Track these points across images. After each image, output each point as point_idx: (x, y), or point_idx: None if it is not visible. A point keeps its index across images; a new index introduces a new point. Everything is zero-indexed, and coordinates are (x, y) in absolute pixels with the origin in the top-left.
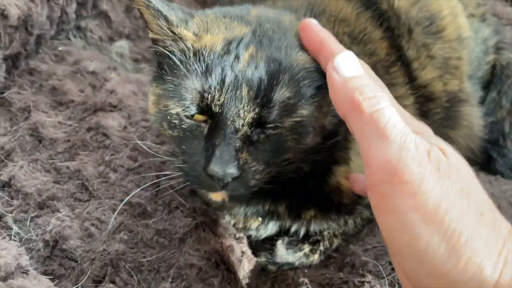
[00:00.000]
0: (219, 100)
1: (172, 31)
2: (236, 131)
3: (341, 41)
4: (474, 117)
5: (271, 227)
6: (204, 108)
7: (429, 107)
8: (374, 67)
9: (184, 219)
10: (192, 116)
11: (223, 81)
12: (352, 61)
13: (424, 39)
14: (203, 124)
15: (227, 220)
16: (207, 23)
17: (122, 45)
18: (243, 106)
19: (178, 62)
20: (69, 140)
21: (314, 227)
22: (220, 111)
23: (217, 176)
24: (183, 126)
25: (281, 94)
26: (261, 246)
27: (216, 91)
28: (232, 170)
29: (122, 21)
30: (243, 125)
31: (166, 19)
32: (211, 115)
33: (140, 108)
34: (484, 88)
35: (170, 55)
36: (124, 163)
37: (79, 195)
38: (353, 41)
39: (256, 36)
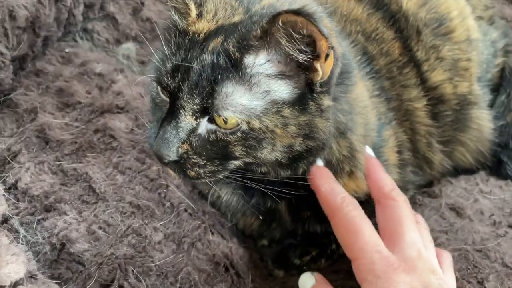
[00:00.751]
0: (170, 85)
1: (185, 3)
2: (181, 116)
3: (355, 40)
4: (483, 120)
5: (275, 230)
6: (164, 89)
7: (439, 110)
8: (389, 68)
9: (193, 222)
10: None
11: (177, 67)
12: None
13: (433, 41)
14: (167, 100)
15: (232, 222)
16: (216, 4)
17: (129, 47)
18: (188, 93)
19: (168, 36)
20: (76, 142)
21: (313, 227)
22: (173, 94)
23: (155, 153)
24: (155, 98)
25: (229, 90)
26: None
27: (169, 77)
28: (169, 153)
29: (129, 24)
30: (186, 113)
31: None
32: (169, 96)
33: (147, 110)
34: (493, 91)
35: (170, 25)
36: (132, 165)
37: (86, 197)
38: (367, 39)
39: (239, 26)
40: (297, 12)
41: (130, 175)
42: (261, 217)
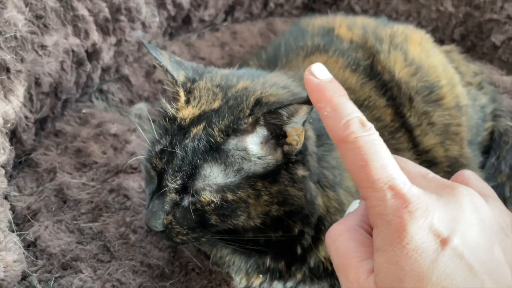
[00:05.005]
0: (158, 166)
1: (176, 90)
2: (167, 193)
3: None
4: None
5: (276, 287)
6: (153, 169)
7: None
8: (381, 132)
9: (200, 282)
10: None
11: (163, 151)
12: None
13: (424, 107)
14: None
15: (237, 282)
16: (200, 90)
17: (141, 107)
18: (172, 175)
19: (159, 120)
20: (92, 201)
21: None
22: (159, 174)
23: (146, 223)
24: (148, 173)
25: (207, 172)
26: None
27: (157, 159)
28: (156, 225)
29: (142, 85)
30: (170, 191)
31: (172, 77)
32: (157, 174)
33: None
34: (483, 154)
35: (161, 110)
36: (143, 225)
37: (101, 256)
38: (360, 106)
39: (217, 111)
40: (300, 101)
41: (142, 234)
42: (261, 276)
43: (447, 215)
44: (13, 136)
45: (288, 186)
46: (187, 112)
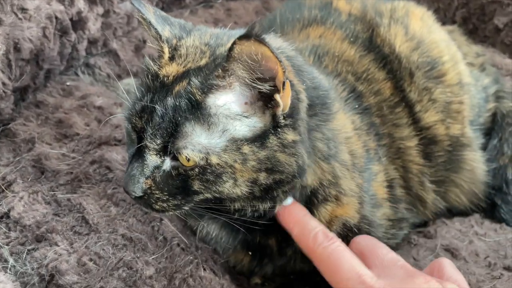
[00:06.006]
0: (137, 125)
1: (160, 46)
2: (146, 154)
3: (345, 79)
4: (477, 161)
5: (266, 266)
6: (133, 128)
7: (432, 150)
8: (379, 106)
9: (185, 257)
10: None
11: (144, 109)
12: None
13: (425, 83)
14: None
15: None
16: (187, 48)
17: (129, 82)
18: (151, 134)
19: (142, 78)
20: (71, 173)
21: (299, 265)
22: (139, 134)
23: (124, 188)
24: (128, 135)
25: (189, 130)
26: None
27: (137, 118)
28: (134, 189)
29: (131, 60)
30: (150, 151)
31: (156, 32)
32: (136, 135)
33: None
34: (485, 135)
35: (144, 68)
36: (126, 197)
37: (79, 228)
38: (358, 79)
39: (202, 68)
40: (248, 35)
41: (124, 207)
42: (250, 253)
43: None
44: None
45: (277, 151)
46: (171, 69)
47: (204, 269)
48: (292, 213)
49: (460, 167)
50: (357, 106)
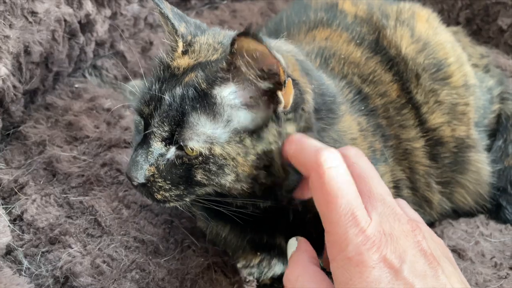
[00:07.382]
0: (145, 112)
1: (175, 40)
2: (152, 141)
3: (351, 81)
4: (482, 163)
5: (275, 266)
6: (140, 116)
7: (438, 151)
8: (386, 108)
9: (196, 259)
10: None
11: (151, 97)
12: None
13: (431, 85)
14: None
15: (234, 260)
16: (201, 45)
17: (136, 84)
18: (159, 121)
19: (154, 71)
20: (83, 175)
21: None
22: (146, 121)
23: (126, 175)
24: (137, 125)
25: (195, 120)
26: None
27: (145, 106)
28: (137, 175)
29: (138, 62)
30: (155, 138)
31: (173, 26)
32: (144, 122)
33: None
34: (490, 137)
35: (157, 61)
36: (137, 200)
37: (92, 230)
38: (364, 81)
39: (213, 62)
40: (246, 32)
41: (136, 209)
42: (259, 253)
43: (398, 248)
44: (1, 106)
45: (272, 144)
46: (183, 62)
47: (215, 271)
48: (294, 140)
49: (466, 168)
50: (363, 108)
